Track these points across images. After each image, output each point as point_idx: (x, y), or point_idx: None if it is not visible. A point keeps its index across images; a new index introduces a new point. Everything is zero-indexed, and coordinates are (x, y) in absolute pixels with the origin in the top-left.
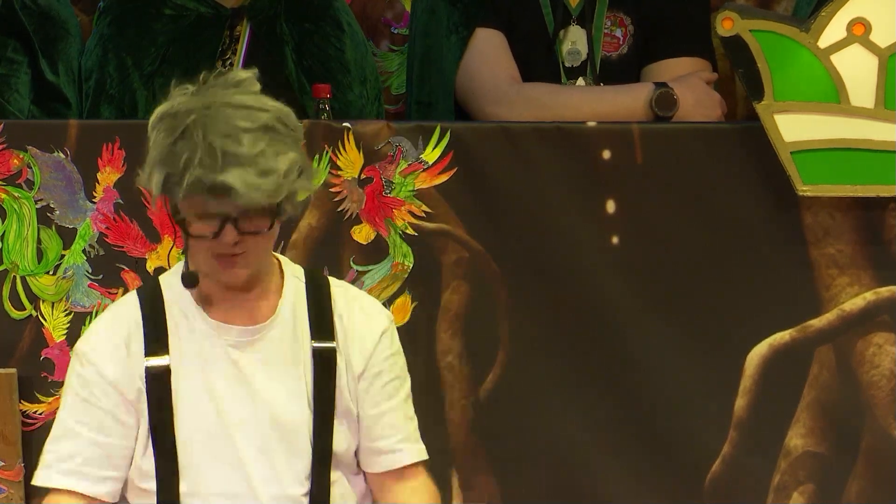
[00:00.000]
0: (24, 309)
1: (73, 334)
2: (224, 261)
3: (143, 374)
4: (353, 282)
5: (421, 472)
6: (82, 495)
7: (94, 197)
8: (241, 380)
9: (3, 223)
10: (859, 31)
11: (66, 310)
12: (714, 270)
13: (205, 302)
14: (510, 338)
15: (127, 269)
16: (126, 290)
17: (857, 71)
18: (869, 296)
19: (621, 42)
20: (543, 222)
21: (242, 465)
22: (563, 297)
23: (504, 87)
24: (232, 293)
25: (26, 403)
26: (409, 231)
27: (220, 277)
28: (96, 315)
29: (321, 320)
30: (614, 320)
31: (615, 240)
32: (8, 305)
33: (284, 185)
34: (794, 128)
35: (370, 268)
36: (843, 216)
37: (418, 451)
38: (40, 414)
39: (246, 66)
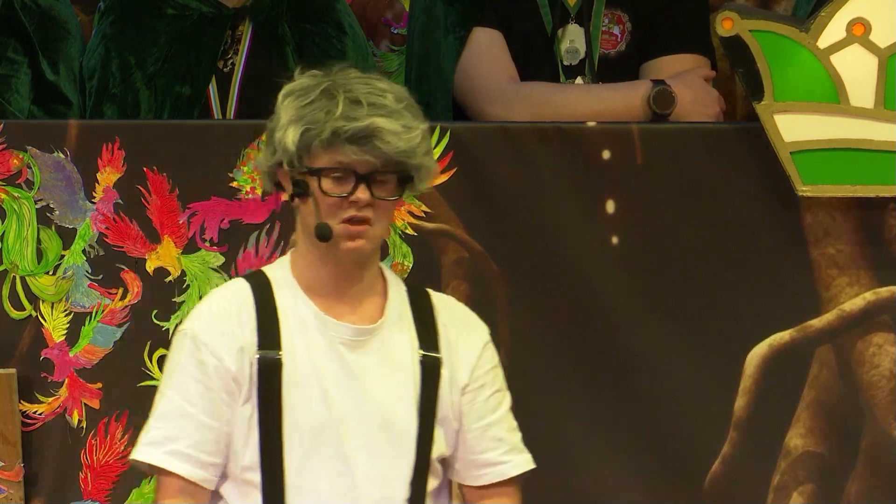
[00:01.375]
0: (24, 309)
1: (73, 334)
2: (352, 228)
3: (255, 363)
4: None
5: (518, 484)
6: (185, 479)
7: (94, 197)
8: (351, 377)
9: (3, 223)
10: (859, 31)
11: (65, 310)
12: (714, 270)
13: (314, 294)
14: (510, 338)
15: (127, 269)
16: (126, 291)
17: (857, 71)
18: (869, 296)
19: (619, 40)
20: (543, 222)
21: (348, 464)
22: (563, 297)
23: (502, 86)
24: (342, 285)
25: (26, 403)
26: (409, 231)
27: (343, 245)
28: (96, 315)
29: (427, 329)
30: (614, 320)
31: (615, 240)
32: (8, 305)
33: (419, 150)
34: (793, 128)
35: None
36: (843, 216)
37: (525, 461)
38: (40, 414)
39: (247, 66)
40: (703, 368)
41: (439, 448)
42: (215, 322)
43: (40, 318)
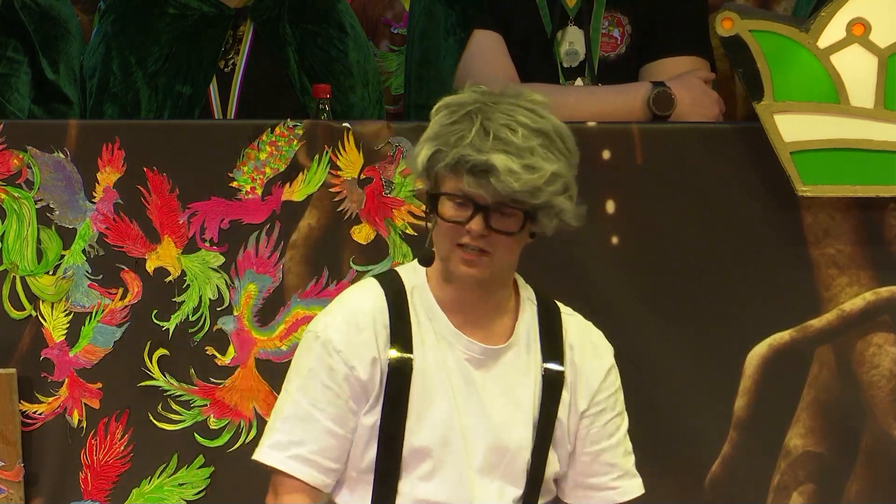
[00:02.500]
0: (24, 309)
1: (73, 334)
2: (467, 254)
3: (385, 368)
4: (352, 282)
5: None
6: (306, 484)
7: (94, 197)
8: (474, 395)
9: (3, 223)
10: (859, 32)
11: (65, 310)
12: (714, 270)
13: (447, 309)
14: None
15: (127, 269)
16: (126, 291)
17: (857, 71)
18: (869, 296)
19: (619, 42)
20: None
21: (466, 479)
22: (563, 297)
23: None
24: (468, 303)
25: (26, 403)
26: (409, 231)
27: (457, 268)
28: (96, 315)
29: (553, 345)
30: (614, 320)
31: (615, 240)
32: (8, 305)
33: (545, 190)
34: (793, 128)
35: (370, 268)
36: (843, 216)
37: (635, 487)
38: (40, 414)
39: (248, 66)
40: (703, 368)
41: (552, 469)
42: (349, 329)
43: (40, 318)
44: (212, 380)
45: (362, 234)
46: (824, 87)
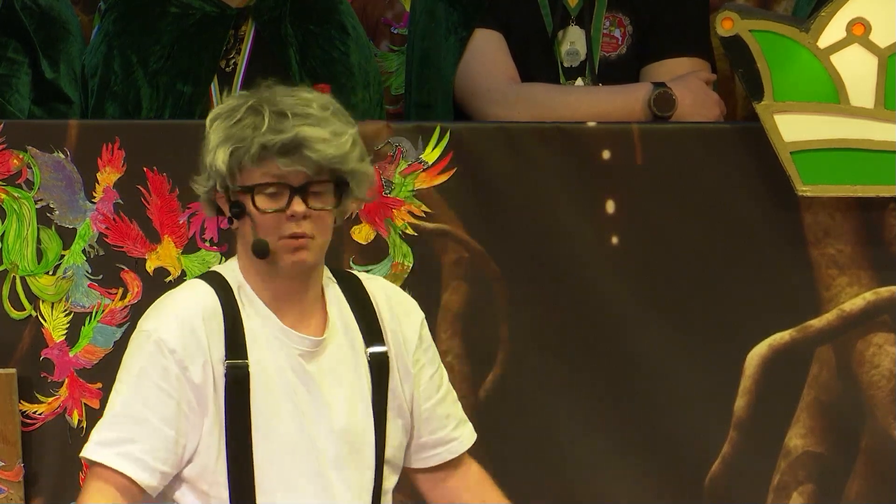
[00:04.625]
0: (24, 309)
1: (73, 334)
2: (291, 244)
3: (223, 374)
4: None
5: (470, 456)
6: (132, 481)
7: (94, 197)
8: (313, 389)
9: (3, 223)
10: (859, 31)
11: (65, 310)
12: (714, 270)
13: (272, 305)
14: (510, 338)
15: (127, 269)
16: (126, 291)
17: (857, 71)
18: (869, 296)
19: (620, 42)
20: (543, 222)
21: (323, 478)
22: (563, 297)
23: (503, 87)
24: (293, 298)
25: (26, 403)
26: (409, 231)
27: (286, 260)
28: (96, 315)
29: (370, 325)
30: (614, 320)
31: (615, 240)
32: (8, 305)
33: (351, 156)
34: (793, 128)
35: (370, 268)
36: (843, 216)
37: (470, 434)
38: (40, 414)
39: (249, 66)
40: (703, 368)
41: (396, 439)
42: (182, 330)
43: (40, 318)
44: None
45: (362, 234)
46: (824, 87)
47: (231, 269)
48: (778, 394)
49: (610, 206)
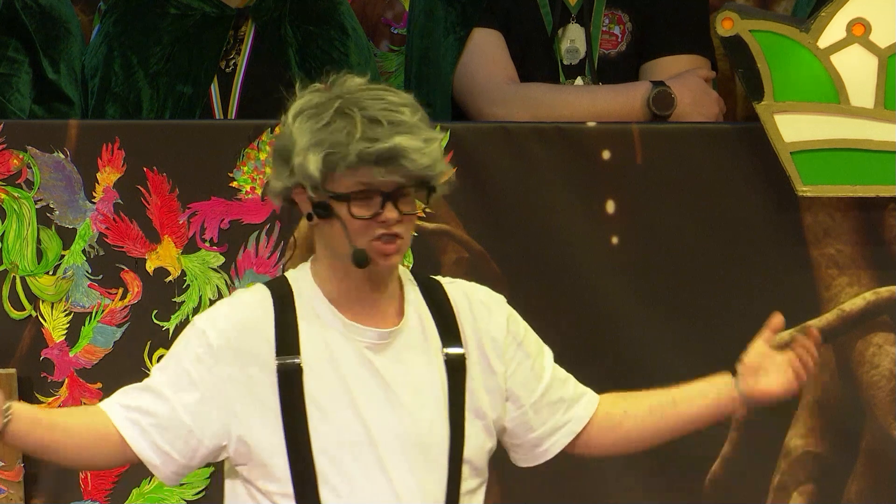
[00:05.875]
0: (24, 309)
1: (73, 334)
2: (386, 247)
3: (274, 376)
4: None
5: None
6: (128, 445)
7: (94, 197)
8: (380, 382)
9: (3, 223)
10: (859, 32)
11: (65, 310)
12: (714, 270)
13: (337, 305)
14: None
15: (127, 269)
16: (126, 291)
17: (857, 71)
18: (869, 296)
19: (620, 40)
20: (543, 222)
21: (386, 470)
22: (562, 297)
23: (502, 86)
24: (367, 294)
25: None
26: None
27: (379, 263)
28: (96, 315)
29: (448, 327)
30: (614, 320)
31: (615, 240)
32: (8, 306)
33: (440, 160)
34: (793, 128)
35: None
36: (843, 216)
37: (587, 405)
38: None
39: (249, 66)
40: (702, 368)
41: (474, 443)
42: (230, 331)
43: (40, 318)
44: None
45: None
46: (824, 87)
47: (299, 273)
48: None
49: (610, 206)
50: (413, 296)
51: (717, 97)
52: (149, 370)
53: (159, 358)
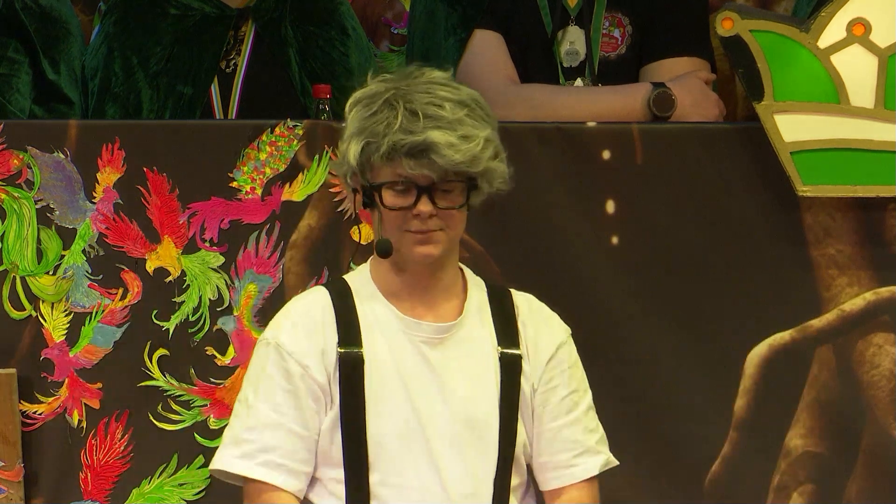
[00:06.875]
0: (24, 309)
1: (73, 334)
2: (418, 237)
3: (336, 363)
4: None
5: (594, 484)
6: (279, 489)
7: (94, 197)
8: (434, 375)
9: (3, 223)
10: (859, 32)
11: (65, 310)
12: (714, 270)
13: (394, 299)
14: None
15: (127, 269)
16: (126, 291)
17: (857, 71)
18: (869, 296)
19: (619, 42)
20: (543, 222)
21: (434, 460)
22: (562, 296)
23: (502, 88)
24: (418, 288)
25: (26, 404)
26: None
27: (412, 252)
28: (96, 315)
29: (507, 327)
30: (614, 320)
31: (615, 240)
32: (8, 306)
33: (482, 157)
34: (794, 128)
35: None
36: (843, 216)
37: (594, 465)
38: (40, 414)
39: (249, 66)
40: (703, 368)
41: (522, 441)
42: (298, 331)
43: (40, 318)
44: (212, 380)
45: (362, 234)
46: (824, 87)
47: (357, 273)
48: (778, 394)
49: (610, 206)
50: (477, 297)
51: (716, 99)
52: (149, 370)
53: (160, 358)
